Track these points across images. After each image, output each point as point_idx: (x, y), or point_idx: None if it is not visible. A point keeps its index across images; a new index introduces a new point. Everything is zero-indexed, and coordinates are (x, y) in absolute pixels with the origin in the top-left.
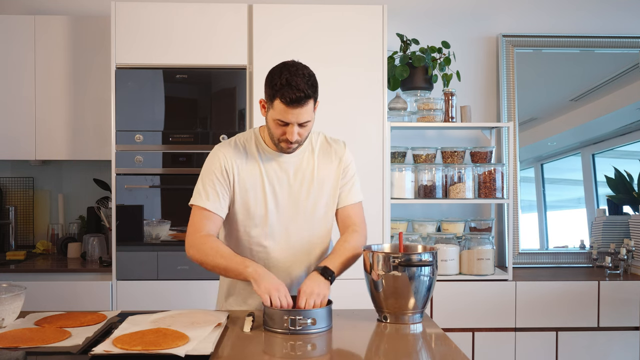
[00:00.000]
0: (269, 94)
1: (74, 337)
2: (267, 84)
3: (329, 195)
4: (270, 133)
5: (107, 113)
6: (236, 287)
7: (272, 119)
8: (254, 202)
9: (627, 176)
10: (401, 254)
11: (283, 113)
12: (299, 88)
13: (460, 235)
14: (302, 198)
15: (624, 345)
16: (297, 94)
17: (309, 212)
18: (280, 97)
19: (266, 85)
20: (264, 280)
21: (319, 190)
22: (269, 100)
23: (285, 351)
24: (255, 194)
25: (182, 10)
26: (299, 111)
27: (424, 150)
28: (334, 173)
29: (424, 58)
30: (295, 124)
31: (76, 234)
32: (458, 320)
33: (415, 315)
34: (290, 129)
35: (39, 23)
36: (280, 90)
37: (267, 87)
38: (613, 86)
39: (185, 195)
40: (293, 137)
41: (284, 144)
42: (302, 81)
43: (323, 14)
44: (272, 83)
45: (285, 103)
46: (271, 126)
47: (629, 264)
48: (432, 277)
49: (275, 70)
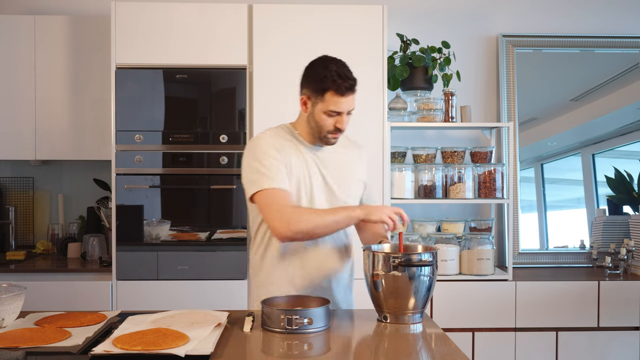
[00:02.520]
0: (316, 87)
1: (74, 337)
2: (312, 79)
3: (356, 192)
4: (316, 127)
5: (107, 113)
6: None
7: (321, 111)
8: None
9: (627, 176)
10: (401, 254)
11: (336, 103)
12: (349, 76)
13: (460, 235)
14: (335, 191)
15: (624, 345)
16: (349, 82)
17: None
18: (334, 88)
19: (310, 81)
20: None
21: (350, 186)
22: (316, 94)
23: (283, 350)
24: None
25: (182, 10)
26: (350, 99)
27: (424, 150)
28: (360, 172)
29: (424, 58)
30: (345, 112)
31: (76, 234)
32: (458, 320)
33: (415, 315)
34: (342, 118)
35: (39, 23)
36: (333, 82)
37: (312, 82)
38: (613, 86)
39: (186, 195)
40: (344, 125)
41: (331, 135)
42: (348, 70)
43: (323, 14)
44: (321, 76)
45: (340, 93)
46: (320, 119)
47: (629, 264)
48: (432, 277)
49: (318, 64)
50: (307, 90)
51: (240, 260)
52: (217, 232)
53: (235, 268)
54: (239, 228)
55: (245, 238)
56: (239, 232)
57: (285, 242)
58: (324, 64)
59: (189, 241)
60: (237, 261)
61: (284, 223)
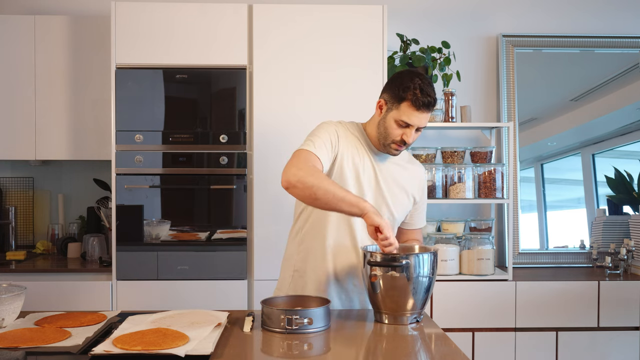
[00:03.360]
0: (396, 95)
1: (74, 337)
2: (396, 86)
3: (405, 205)
4: (384, 133)
5: (107, 113)
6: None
7: (393, 119)
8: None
9: (627, 176)
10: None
11: (409, 115)
12: (430, 94)
13: (460, 235)
14: (386, 197)
15: (624, 345)
16: (428, 99)
17: (386, 214)
18: (412, 100)
19: (392, 87)
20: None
21: (400, 197)
22: (394, 102)
23: (283, 350)
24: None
25: (182, 10)
26: (424, 115)
27: (424, 150)
28: (415, 190)
29: (424, 58)
30: (415, 127)
31: (76, 234)
32: (458, 320)
33: (413, 315)
34: (410, 131)
35: (39, 23)
36: (413, 94)
37: (394, 88)
38: (613, 86)
39: (186, 195)
40: (410, 139)
41: (395, 145)
42: (431, 89)
43: (323, 14)
44: (404, 85)
45: (417, 106)
46: (389, 126)
47: (629, 264)
48: (431, 278)
49: (405, 74)
50: (386, 95)
51: (240, 260)
52: (217, 232)
53: (235, 268)
54: (239, 228)
55: (245, 238)
56: (239, 232)
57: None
58: (411, 76)
59: (189, 241)
60: (237, 261)
61: (293, 167)
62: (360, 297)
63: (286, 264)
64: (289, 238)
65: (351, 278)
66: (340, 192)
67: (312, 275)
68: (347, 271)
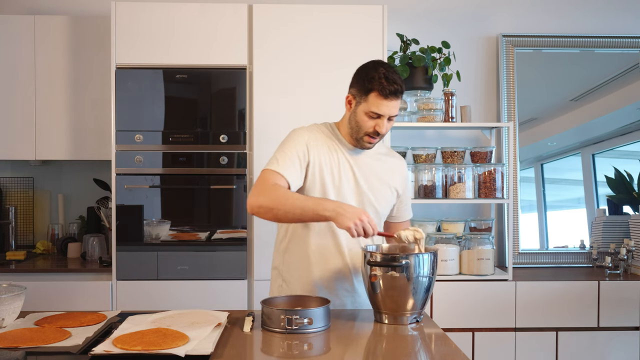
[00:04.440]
0: (362, 87)
1: (74, 337)
2: (361, 78)
3: (388, 198)
4: (356, 127)
5: (107, 113)
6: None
7: (363, 111)
8: (329, 186)
9: (627, 176)
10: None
11: (378, 105)
12: (396, 82)
13: (460, 235)
14: (367, 194)
15: (624, 345)
16: (395, 86)
17: (372, 210)
18: (379, 89)
19: (358, 80)
20: (346, 213)
21: (382, 191)
22: (361, 94)
23: (283, 350)
24: (324, 178)
25: (182, 10)
26: (393, 104)
27: (424, 150)
28: (397, 183)
29: (424, 58)
30: (386, 117)
31: (76, 234)
32: (458, 320)
33: (413, 315)
34: (382, 122)
35: (39, 23)
36: (379, 83)
37: (359, 81)
38: (613, 86)
39: (186, 195)
40: (383, 129)
41: (367, 138)
42: (397, 76)
43: (323, 14)
44: (369, 77)
45: (384, 95)
46: (361, 119)
47: (629, 264)
48: (431, 278)
49: (369, 66)
50: (353, 90)
51: (240, 260)
52: (217, 232)
53: (235, 268)
54: (239, 228)
55: (245, 238)
56: (239, 232)
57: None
58: (375, 66)
59: (189, 241)
60: (237, 261)
61: (254, 195)
62: (352, 299)
63: (274, 273)
64: (275, 247)
65: (340, 282)
66: (298, 208)
67: (298, 285)
68: (335, 277)
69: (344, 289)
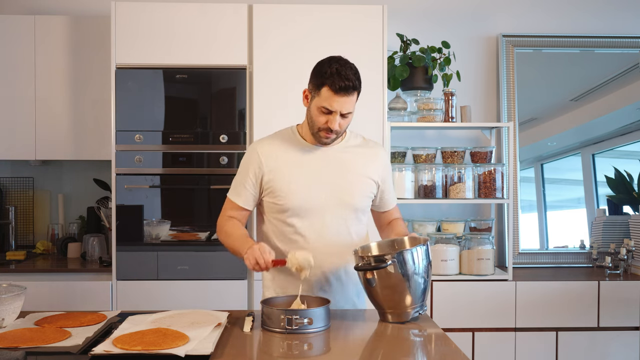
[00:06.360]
0: (316, 82)
1: (74, 337)
2: (315, 73)
3: (365, 190)
4: (311, 122)
5: (107, 113)
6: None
7: (316, 106)
8: (293, 193)
9: (627, 176)
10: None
11: (329, 100)
12: (348, 78)
13: (460, 235)
14: (339, 189)
15: (624, 345)
16: (346, 82)
17: (346, 205)
18: (329, 84)
19: (313, 75)
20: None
21: (356, 184)
22: (315, 89)
23: (283, 350)
24: (294, 184)
25: (182, 10)
26: (344, 100)
27: (424, 150)
28: (374, 173)
29: (424, 58)
30: (339, 112)
31: (76, 234)
32: (458, 320)
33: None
34: (333, 118)
35: (39, 23)
36: (330, 78)
37: (314, 76)
38: (613, 86)
39: (186, 195)
40: (334, 126)
41: (323, 133)
42: (350, 73)
43: (323, 14)
44: (322, 71)
45: (334, 90)
46: (314, 114)
47: (629, 264)
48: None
49: (324, 61)
50: (310, 84)
51: (240, 260)
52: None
53: (235, 268)
54: None
55: None
56: None
57: None
58: (329, 62)
59: (189, 241)
60: (237, 261)
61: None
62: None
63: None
64: None
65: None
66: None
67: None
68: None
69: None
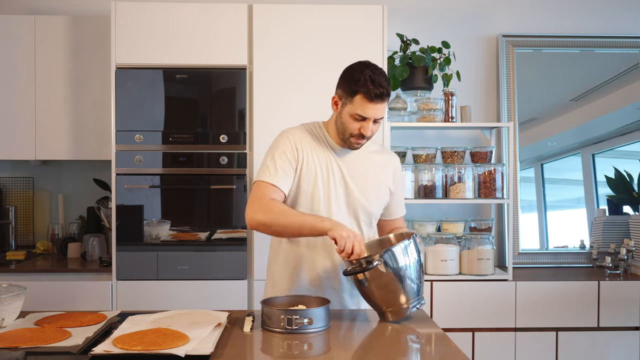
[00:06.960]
0: (348, 89)
1: (74, 337)
2: (346, 80)
3: (380, 197)
4: (342, 128)
5: (107, 113)
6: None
7: (348, 113)
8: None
9: (627, 176)
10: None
11: (363, 108)
12: (382, 85)
13: (460, 235)
14: (355, 193)
15: (624, 345)
16: (380, 89)
17: (362, 209)
18: (364, 92)
19: (343, 81)
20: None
21: (372, 189)
22: (347, 96)
23: (283, 350)
24: (315, 178)
25: (182, 11)
26: (378, 107)
27: (424, 150)
28: (387, 181)
29: (424, 58)
30: (372, 119)
31: (76, 234)
32: (458, 320)
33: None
34: (367, 124)
35: (39, 23)
36: (364, 86)
37: (345, 83)
38: (613, 86)
39: (186, 195)
40: (368, 132)
41: (354, 139)
42: (383, 79)
43: (323, 14)
44: (354, 79)
45: (369, 99)
46: (346, 121)
47: (629, 264)
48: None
49: (355, 67)
50: (340, 91)
51: (240, 260)
52: (217, 232)
53: (235, 268)
54: (239, 228)
55: (245, 238)
56: (239, 232)
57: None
58: (361, 68)
59: (189, 241)
60: (237, 261)
61: (251, 211)
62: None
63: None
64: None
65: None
66: (296, 224)
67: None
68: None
69: (331, 287)
